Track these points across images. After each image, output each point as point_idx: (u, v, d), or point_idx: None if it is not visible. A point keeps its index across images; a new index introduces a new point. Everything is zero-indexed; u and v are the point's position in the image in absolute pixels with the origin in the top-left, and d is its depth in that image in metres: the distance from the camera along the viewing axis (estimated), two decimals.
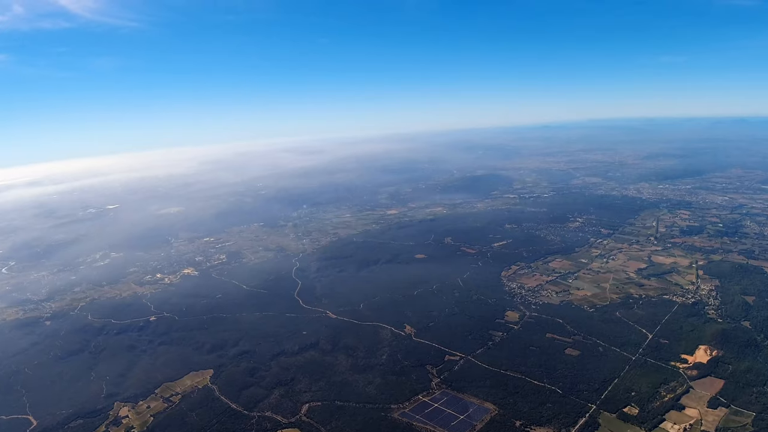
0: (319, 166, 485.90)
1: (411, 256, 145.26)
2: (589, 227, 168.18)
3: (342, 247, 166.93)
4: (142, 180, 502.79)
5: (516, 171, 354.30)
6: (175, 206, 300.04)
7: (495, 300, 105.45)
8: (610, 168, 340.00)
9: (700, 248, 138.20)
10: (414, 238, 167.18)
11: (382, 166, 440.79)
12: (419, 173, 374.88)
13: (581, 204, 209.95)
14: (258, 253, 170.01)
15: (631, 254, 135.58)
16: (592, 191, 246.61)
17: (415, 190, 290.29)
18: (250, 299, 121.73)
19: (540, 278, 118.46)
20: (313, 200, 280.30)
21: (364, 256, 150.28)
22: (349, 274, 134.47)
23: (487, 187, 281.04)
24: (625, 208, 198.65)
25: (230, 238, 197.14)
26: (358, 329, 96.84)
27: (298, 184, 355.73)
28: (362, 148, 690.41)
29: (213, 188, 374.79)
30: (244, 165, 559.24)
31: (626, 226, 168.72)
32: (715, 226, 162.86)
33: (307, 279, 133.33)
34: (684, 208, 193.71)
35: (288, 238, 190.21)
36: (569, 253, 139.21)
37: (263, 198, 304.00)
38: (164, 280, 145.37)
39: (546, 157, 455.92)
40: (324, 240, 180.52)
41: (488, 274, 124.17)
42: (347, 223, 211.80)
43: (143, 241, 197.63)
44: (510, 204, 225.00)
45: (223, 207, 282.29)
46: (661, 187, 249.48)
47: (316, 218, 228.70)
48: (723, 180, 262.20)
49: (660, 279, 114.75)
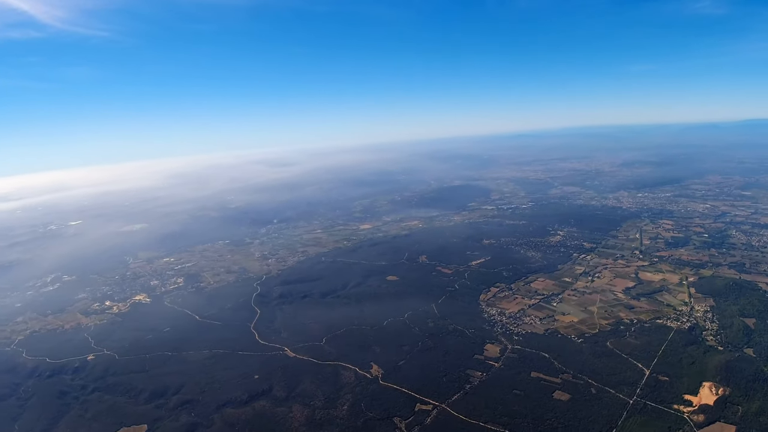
0: (291, 178, 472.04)
1: (382, 278, 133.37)
2: (571, 241, 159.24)
3: (309, 267, 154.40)
4: (108, 194, 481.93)
5: (493, 181, 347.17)
6: (138, 223, 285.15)
7: (473, 330, 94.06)
8: (588, 176, 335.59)
9: (688, 262, 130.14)
10: (386, 257, 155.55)
11: (357, 178, 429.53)
12: (395, 185, 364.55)
13: (561, 215, 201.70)
14: (218, 275, 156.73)
15: (617, 271, 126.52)
16: (572, 201, 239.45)
17: (390, 203, 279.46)
18: (201, 333, 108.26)
19: (522, 302, 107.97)
20: (283, 215, 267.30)
21: (331, 278, 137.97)
22: (314, 300, 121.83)
23: (464, 199, 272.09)
24: (606, 219, 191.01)
25: (191, 258, 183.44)
26: (318, 371, 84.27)
27: (269, 197, 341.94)
28: (336, 160, 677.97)
29: (180, 203, 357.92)
30: (213, 178, 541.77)
31: (609, 239, 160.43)
32: (701, 237, 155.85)
33: (267, 307, 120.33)
34: (666, 218, 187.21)
35: (253, 257, 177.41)
36: (552, 271, 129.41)
37: (231, 213, 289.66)
38: (112, 309, 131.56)
39: (522, 166, 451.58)
40: (291, 260, 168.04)
41: (466, 298, 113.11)
42: (318, 239, 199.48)
43: (99, 263, 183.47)
44: (488, 216, 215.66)
45: (189, 223, 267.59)
46: (641, 195, 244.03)
47: (285, 235, 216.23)
48: (702, 187, 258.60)
49: (650, 299, 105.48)
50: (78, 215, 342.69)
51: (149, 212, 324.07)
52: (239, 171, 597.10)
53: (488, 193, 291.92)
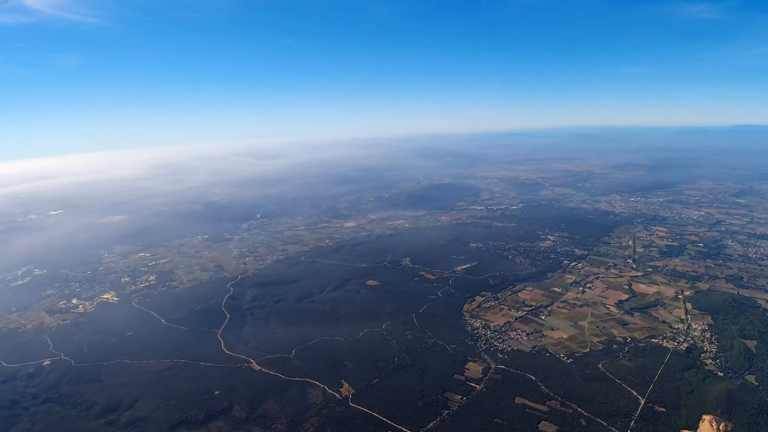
0: (278, 172, 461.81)
1: (362, 282, 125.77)
2: (562, 247, 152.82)
3: (287, 268, 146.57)
4: (91, 184, 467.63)
5: (483, 180, 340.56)
6: (118, 214, 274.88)
7: (455, 345, 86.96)
8: (579, 178, 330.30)
9: (683, 274, 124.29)
10: (368, 259, 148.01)
11: (345, 173, 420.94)
12: (383, 181, 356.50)
13: (552, 218, 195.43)
14: (192, 273, 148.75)
15: (609, 281, 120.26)
16: (563, 204, 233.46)
17: (377, 200, 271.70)
18: (164, 339, 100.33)
19: (508, 313, 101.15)
20: (266, 210, 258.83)
21: (309, 281, 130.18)
22: (288, 305, 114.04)
23: (453, 198, 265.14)
24: (598, 223, 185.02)
25: (167, 254, 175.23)
26: (283, 388, 76.69)
27: (253, 191, 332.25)
28: (325, 154, 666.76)
29: (162, 195, 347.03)
30: (198, 170, 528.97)
31: (601, 245, 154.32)
32: (696, 246, 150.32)
33: (237, 311, 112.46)
34: (660, 224, 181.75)
35: (230, 255, 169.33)
36: (541, 279, 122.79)
37: (214, 207, 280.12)
38: (78, 308, 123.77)
39: (514, 165, 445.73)
40: (269, 258, 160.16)
41: (448, 307, 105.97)
42: (299, 237, 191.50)
43: (72, 256, 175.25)
44: (476, 217, 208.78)
45: (169, 216, 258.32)
46: (633, 199, 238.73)
47: (266, 231, 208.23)
48: (695, 192, 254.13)
49: (645, 315, 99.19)
50: (59, 205, 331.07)
51: (130, 203, 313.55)
52: (226, 163, 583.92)
53: (478, 192, 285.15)
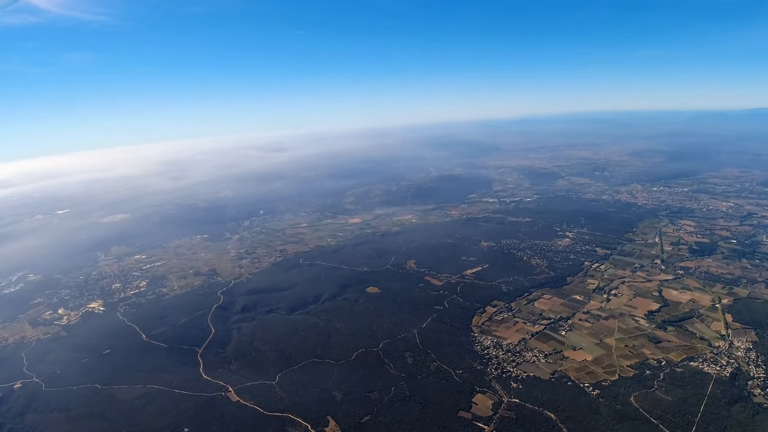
0: (285, 164, 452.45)
1: (362, 289, 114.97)
2: (582, 245, 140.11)
3: (283, 272, 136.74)
4: (101, 181, 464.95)
5: (496, 170, 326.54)
6: (121, 213, 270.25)
7: (461, 371, 75.75)
8: (597, 166, 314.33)
9: (718, 277, 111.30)
10: (371, 261, 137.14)
11: (353, 165, 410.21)
12: (392, 172, 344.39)
13: (570, 212, 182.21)
14: (185, 279, 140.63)
15: (637, 286, 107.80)
16: (580, 195, 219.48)
17: (384, 193, 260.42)
18: (141, 358, 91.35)
19: (523, 328, 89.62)
20: (271, 205, 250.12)
21: (304, 287, 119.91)
22: (279, 317, 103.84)
23: (463, 189, 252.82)
24: (620, 217, 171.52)
25: (164, 256, 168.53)
26: (260, 427, 66.61)
27: (259, 186, 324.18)
28: (335, 145, 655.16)
29: (167, 192, 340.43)
30: (206, 164, 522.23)
31: (625, 243, 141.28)
32: (729, 243, 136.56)
33: (224, 325, 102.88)
34: (687, 217, 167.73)
35: (227, 256, 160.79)
36: (560, 285, 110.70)
37: (218, 203, 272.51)
38: (62, 319, 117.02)
39: (527, 153, 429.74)
40: (267, 260, 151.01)
41: (456, 320, 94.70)
42: (301, 235, 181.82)
43: (69, 259, 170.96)
44: (489, 211, 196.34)
45: (171, 214, 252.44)
46: (655, 189, 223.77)
47: (268, 228, 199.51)
48: (720, 181, 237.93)
49: (679, 329, 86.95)
50: (66, 203, 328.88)
51: (135, 201, 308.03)
52: (233, 157, 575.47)
53: (490, 183, 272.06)
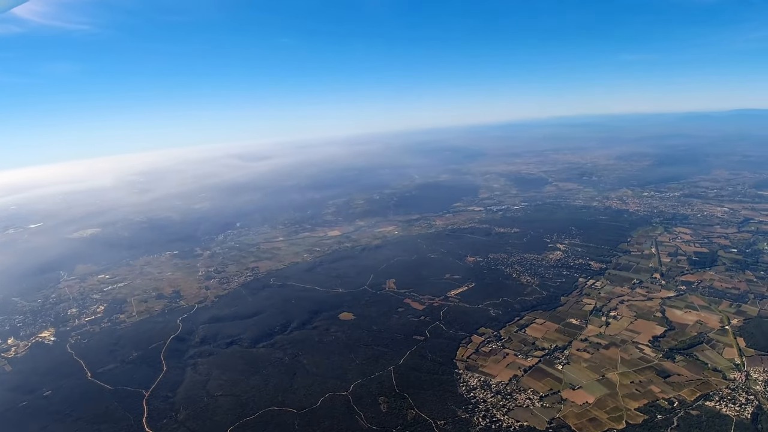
0: (266, 174, 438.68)
1: (335, 315, 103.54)
2: (575, 259, 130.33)
3: (252, 294, 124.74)
4: (81, 193, 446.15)
5: (482, 176, 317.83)
6: (92, 228, 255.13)
7: (443, 422, 64.15)
8: (584, 171, 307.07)
9: (723, 292, 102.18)
10: (347, 281, 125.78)
11: (336, 173, 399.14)
12: (376, 180, 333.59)
13: (560, 221, 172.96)
14: (146, 302, 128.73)
15: (637, 306, 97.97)
16: (570, 202, 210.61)
17: (367, 202, 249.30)
18: (79, 405, 79.05)
19: (514, 361, 78.89)
20: (248, 217, 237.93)
21: (272, 314, 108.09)
22: (240, 351, 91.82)
23: (449, 197, 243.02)
24: (613, 226, 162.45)
25: (129, 275, 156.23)
26: None
27: (237, 196, 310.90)
28: (318, 153, 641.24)
29: (143, 203, 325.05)
30: (185, 174, 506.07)
31: (620, 254, 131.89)
32: (729, 253, 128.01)
33: (178, 361, 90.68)
34: (682, 224, 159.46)
35: (195, 276, 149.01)
36: (553, 306, 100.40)
37: (193, 216, 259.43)
38: (10, 351, 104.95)
39: (513, 158, 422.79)
40: (236, 280, 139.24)
41: (438, 353, 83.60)
42: (276, 250, 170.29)
43: (31, 279, 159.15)
44: (475, 221, 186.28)
45: (144, 229, 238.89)
46: (646, 194, 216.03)
47: (242, 243, 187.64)
48: (711, 184, 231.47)
49: (689, 359, 76.95)
50: (41, 217, 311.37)
51: (108, 214, 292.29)
52: (213, 166, 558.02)
53: (476, 190, 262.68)
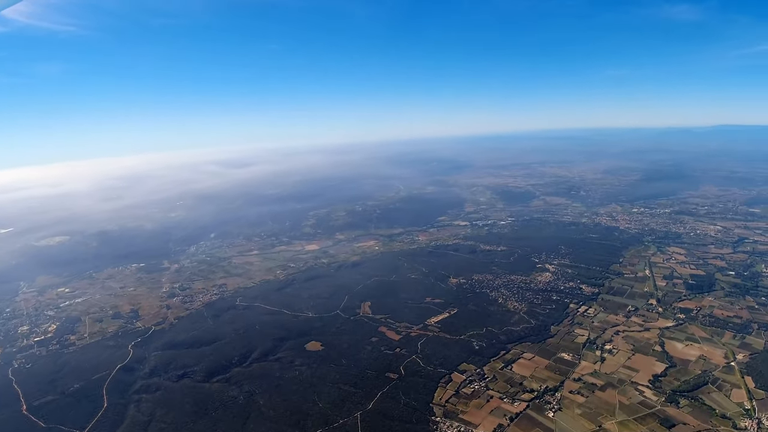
0: (247, 181, 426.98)
1: (302, 344, 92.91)
2: (564, 281, 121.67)
3: (214, 316, 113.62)
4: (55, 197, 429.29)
5: (468, 188, 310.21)
6: (60, 235, 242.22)
7: None
8: (572, 185, 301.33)
9: (724, 321, 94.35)
10: (319, 303, 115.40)
11: (320, 182, 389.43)
12: (360, 190, 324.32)
13: (548, 238, 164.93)
14: (101, 322, 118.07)
15: (634, 338, 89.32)
16: (558, 218, 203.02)
17: (349, 214, 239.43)
18: None
19: (499, 407, 69.19)
20: (223, 228, 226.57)
21: (233, 340, 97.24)
22: (192, 385, 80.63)
23: (434, 210, 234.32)
24: (604, 245, 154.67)
25: (89, 289, 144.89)
26: None
27: (215, 205, 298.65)
28: (303, 161, 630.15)
29: (118, 209, 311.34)
30: (165, 179, 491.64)
31: (612, 277, 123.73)
32: (726, 276, 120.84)
33: (122, 396, 79.42)
34: (675, 243, 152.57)
35: (158, 292, 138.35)
36: (542, 337, 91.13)
37: (167, 224, 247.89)
38: None
39: (501, 170, 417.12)
40: (200, 299, 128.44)
41: (412, 395, 73.37)
42: (248, 265, 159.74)
43: None
44: (459, 237, 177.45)
45: (114, 237, 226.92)
46: (636, 211, 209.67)
47: (213, 256, 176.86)
48: (701, 201, 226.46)
49: (694, 403, 68.12)
50: (12, 222, 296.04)
51: (80, 221, 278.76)
52: (193, 172, 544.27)
53: (462, 203, 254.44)
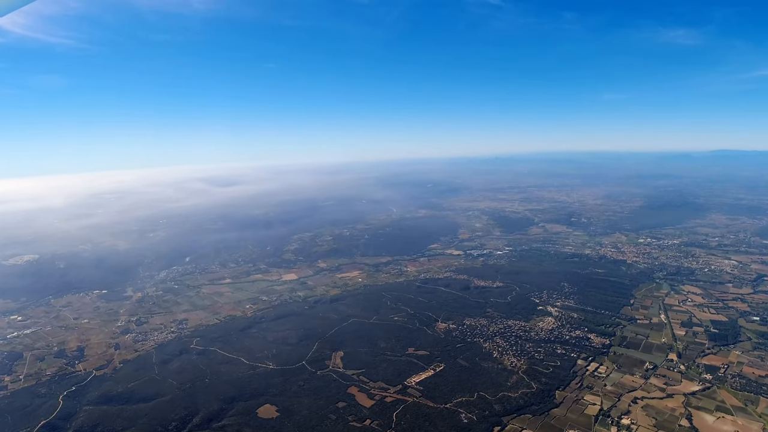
0: (233, 201, 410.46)
1: (252, 408, 76.47)
2: (570, 328, 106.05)
3: (163, 362, 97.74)
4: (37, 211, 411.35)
5: (463, 213, 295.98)
6: (30, 253, 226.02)
7: None
8: (572, 211, 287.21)
9: (757, 384, 79.45)
10: (284, 350, 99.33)
11: (310, 202, 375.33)
12: (350, 212, 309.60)
13: (550, 273, 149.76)
14: (42, 360, 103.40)
15: (655, 407, 73.69)
16: (559, 248, 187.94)
17: (335, 239, 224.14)
18: None
19: None
20: (200, 251, 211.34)
21: (175, 398, 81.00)
22: None
23: (426, 237, 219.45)
24: (611, 282, 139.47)
25: (41, 319, 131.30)
26: None
27: (195, 225, 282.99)
28: (294, 180, 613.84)
29: (95, 227, 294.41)
30: (149, 197, 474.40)
31: (624, 323, 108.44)
32: (751, 322, 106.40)
33: None
34: (689, 281, 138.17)
35: (112, 326, 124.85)
36: (546, 408, 74.83)
37: (142, 245, 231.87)
38: None
39: (497, 193, 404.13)
40: (153, 339, 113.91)
41: None
42: (217, 297, 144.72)
43: None
44: (452, 269, 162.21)
45: (83, 258, 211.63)
46: (642, 241, 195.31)
47: (183, 284, 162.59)
48: (711, 231, 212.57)
49: None
50: None
51: (53, 239, 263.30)
52: (177, 190, 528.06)
53: (456, 229, 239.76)
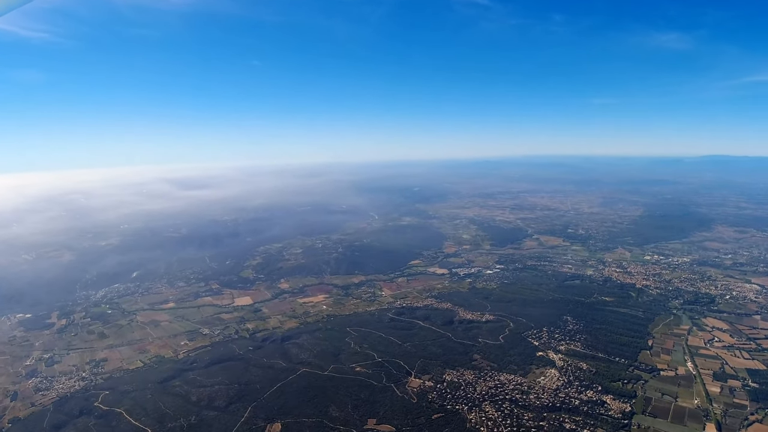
0: (196, 206, 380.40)
1: None
2: (578, 387, 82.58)
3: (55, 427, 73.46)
4: None
5: (450, 221, 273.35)
6: None
7: None
8: (568, 220, 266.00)
9: None
10: (207, 417, 75.13)
11: (286, 208, 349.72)
12: (326, 220, 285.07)
13: (549, 303, 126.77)
14: None
15: None
16: (558, 267, 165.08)
17: (305, 252, 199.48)
18: None
19: None
20: (151, 265, 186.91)
21: None
22: None
23: (407, 251, 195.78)
24: (621, 315, 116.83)
25: None
26: None
27: (149, 235, 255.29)
28: (269, 182, 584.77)
29: (46, 233, 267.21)
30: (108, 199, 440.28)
31: (645, 375, 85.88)
32: None
33: None
34: (710, 312, 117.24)
35: (18, 366, 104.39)
36: None
37: (87, 258, 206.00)
38: None
39: (487, 199, 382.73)
40: (57, 388, 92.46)
41: None
42: (152, 327, 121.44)
43: None
44: (434, 295, 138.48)
45: (21, 270, 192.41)
46: (649, 258, 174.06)
47: (117, 308, 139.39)
48: (720, 246, 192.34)
49: None
50: None
51: None
52: (139, 193, 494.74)
53: (441, 241, 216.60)
